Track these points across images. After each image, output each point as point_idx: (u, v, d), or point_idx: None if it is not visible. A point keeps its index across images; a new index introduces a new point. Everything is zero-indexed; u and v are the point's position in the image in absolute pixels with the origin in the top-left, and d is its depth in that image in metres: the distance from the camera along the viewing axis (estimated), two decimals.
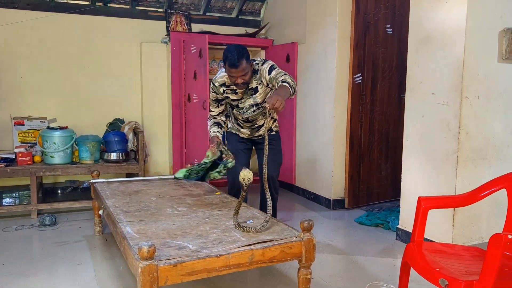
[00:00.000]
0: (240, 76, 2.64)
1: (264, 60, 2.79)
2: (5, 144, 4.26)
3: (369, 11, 4.02)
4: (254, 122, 2.95)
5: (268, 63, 2.75)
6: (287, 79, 2.57)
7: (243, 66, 2.60)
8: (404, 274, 2.02)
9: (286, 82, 2.54)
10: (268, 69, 2.70)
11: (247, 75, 2.66)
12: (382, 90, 4.21)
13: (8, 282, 2.52)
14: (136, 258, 1.74)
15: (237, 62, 2.57)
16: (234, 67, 2.59)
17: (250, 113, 2.89)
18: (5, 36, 4.24)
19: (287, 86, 2.50)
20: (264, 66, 2.73)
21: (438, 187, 2.94)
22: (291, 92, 2.53)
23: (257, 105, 2.85)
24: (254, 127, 2.98)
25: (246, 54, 2.63)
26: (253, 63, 2.76)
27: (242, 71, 2.62)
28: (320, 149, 4.29)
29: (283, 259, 2.01)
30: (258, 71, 2.75)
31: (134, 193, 2.97)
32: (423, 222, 2.00)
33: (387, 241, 3.31)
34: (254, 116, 2.91)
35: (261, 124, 2.95)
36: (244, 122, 2.97)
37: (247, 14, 5.41)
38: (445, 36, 2.86)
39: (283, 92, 2.46)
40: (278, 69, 2.71)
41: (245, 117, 2.92)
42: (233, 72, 2.62)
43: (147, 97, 4.81)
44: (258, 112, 2.86)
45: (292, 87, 2.55)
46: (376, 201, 4.33)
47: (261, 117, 2.92)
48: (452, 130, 2.83)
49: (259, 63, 2.76)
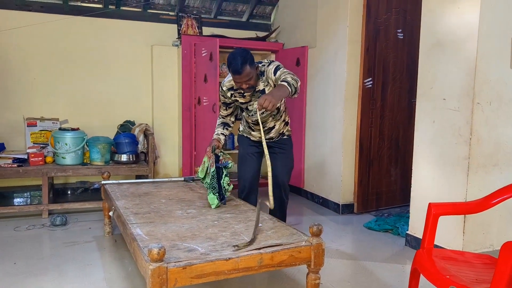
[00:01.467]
0: (244, 81, 2.63)
1: (270, 62, 2.78)
2: (18, 145, 4.32)
3: (380, 16, 4.02)
4: (264, 124, 2.93)
5: (274, 64, 2.74)
6: (288, 78, 2.55)
7: (247, 72, 2.59)
8: (413, 281, 2.01)
9: (285, 81, 2.51)
10: (274, 70, 2.69)
11: (251, 79, 2.65)
12: (393, 95, 4.19)
13: (19, 281, 2.55)
14: (146, 259, 1.75)
15: (240, 69, 2.56)
16: (238, 73, 2.59)
17: (259, 115, 2.87)
18: (19, 38, 4.31)
19: (284, 85, 2.48)
20: (270, 67, 2.72)
21: (448, 193, 2.92)
22: (290, 91, 2.50)
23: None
24: (264, 129, 2.96)
25: (250, 59, 2.61)
26: (259, 65, 2.75)
27: (246, 76, 2.61)
28: (329, 153, 4.28)
29: (292, 264, 2.01)
30: (264, 73, 2.74)
31: (144, 194, 2.99)
32: (433, 229, 1.99)
33: (396, 246, 3.29)
34: (263, 118, 2.90)
35: (271, 126, 2.93)
36: (255, 125, 2.97)
37: (258, 17, 5.43)
38: (457, 41, 2.85)
39: (278, 91, 2.45)
40: (283, 69, 2.69)
41: (255, 120, 2.93)
42: (237, 78, 2.62)
43: (157, 100, 4.85)
44: (267, 114, 2.86)
45: (292, 85, 2.52)
46: (385, 206, 4.31)
47: (270, 119, 2.91)
48: (463, 135, 2.81)
49: (265, 65, 2.76)
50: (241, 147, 3.12)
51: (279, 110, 2.89)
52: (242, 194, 3.02)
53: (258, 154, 3.06)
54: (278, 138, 3.00)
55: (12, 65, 4.34)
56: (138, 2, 4.79)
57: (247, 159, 3.04)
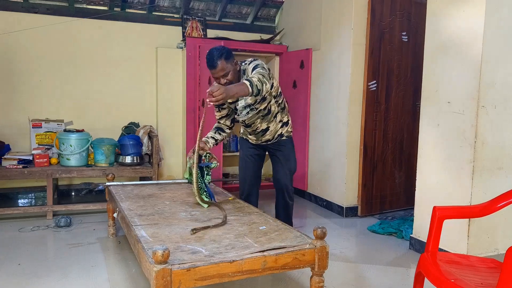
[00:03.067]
0: (221, 76, 2.60)
1: (251, 60, 2.74)
2: (23, 146, 4.35)
3: (385, 19, 4.02)
4: (253, 126, 2.89)
5: (255, 62, 2.70)
6: (254, 78, 2.47)
7: (222, 66, 2.57)
8: (418, 284, 2.00)
9: (249, 80, 2.44)
10: (252, 68, 2.65)
11: (229, 74, 2.62)
12: (397, 98, 4.19)
13: (23, 282, 2.56)
14: (150, 261, 1.75)
15: (214, 63, 2.56)
16: (213, 67, 2.59)
17: (244, 115, 2.83)
18: (25, 40, 4.34)
19: (245, 84, 2.41)
20: (249, 66, 2.68)
21: (453, 197, 2.91)
22: (250, 91, 2.41)
23: (249, 106, 2.78)
24: (257, 132, 2.92)
25: (226, 54, 2.59)
26: (242, 64, 2.73)
27: (222, 70, 2.59)
28: (333, 155, 4.27)
29: (295, 266, 2.01)
30: (245, 71, 2.71)
31: (148, 196, 3.00)
32: (438, 232, 1.98)
33: (400, 250, 3.28)
34: (250, 119, 2.85)
35: (264, 128, 2.89)
36: (246, 127, 2.94)
37: (262, 20, 5.44)
38: (462, 44, 2.84)
39: (235, 87, 2.39)
40: (259, 69, 2.61)
41: (243, 120, 2.89)
42: (213, 72, 2.61)
43: (162, 101, 4.86)
44: (253, 114, 2.81)
45: (255, 86, 2.42)
46: (389, 209, 4.30)
47: (259, 120, 2.85)
48: (468, 139, 2.80)
49: (247, 63, 2.73)
50: (241, 149, 3.13)
51: (270, 111, 2.84)
52: (242, 196, 3.03)
53: (258, 156, 3.06)
54: (276, 140, 2.96)
55: (18, 66, 4.37)
56: (143, 4, 4.81)
57: (246, 162, 3.04)
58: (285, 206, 3.03)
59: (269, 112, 2.84)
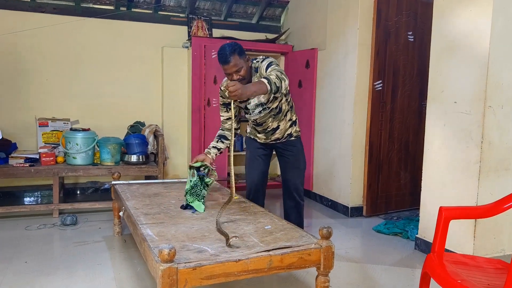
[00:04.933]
0: (234, 71, 2.58)
1: (264, 58, 2.73)
2: (30, 145, 4.37)
3: (391, 18, 4.01)
4: (264, 125, 2.89)
5: (268, 60, 2.69)
6: (271, 75, 2.47)
7: (235, 62, 2.55)
8: (424, 285, 1.99)
9: (266, 78, 2.43)
10: (266, 66, 2.64)
11: (242, 70, 2.59)
12: (403, 98, 4.17)
13: (30, 280, 2.58)
14: (156, 260, 1.76)
15: (227, 58, 2.54)
16: (226, 63, 2.56)
17: (256, 114, 2.82)
18: (32, 39, 4.37)
19: (263, 82, 2.40)
20: (263, 64, 2.67)
21: (459, 197, 2.90)
22: (269, 89, 2.40)
23: (262, 105, 2.77)
24: (267, 131, 2.91)
25: (238, 50, 2.58)
26: (254, 61, 2.72)
27: (235, 66, 2.56)
28: (338, 156, 4.27)
29: (301, 266, 2.01)
30: (258, 69, 2.70)
31: (153, 195, 3.01)
32: (444, 233, 1.98)
33: (406, 250, 3.27)
34: (262, 118, 2.84)
35: (274, 127, 2.88)
36: (256, 126, 2.94)
37: (268, 20, 5.44)
38: (468, 44, 2.83)
39: (253, 86, 2.38)
40: (275, 66, 2.62)
41: (254, 119, 2.88)
42: (226, 68, 2.59)
43: (167, 101, 4.88)
44: (265, 113, 2.81)
45: (274, 84, 2.42)
46: (395, 210, 4.29)
47: (270, 119, 2.85)
48: (475, 139, 2.79)
49: (259, 61, 2.71)
50: (248, 149, 3.11)
51: (281, 109, 2.83)
52: (249, 196, 3.03)
53: (265, 156, 3.05)
54: (286, 140, 2.96)
55: (25, 66, 4.39)
56: (149, 4, 4.83)
57: (254, 162, 3.03)
58: (297, 206, 3.01)
59: (280, 110, 2.84)
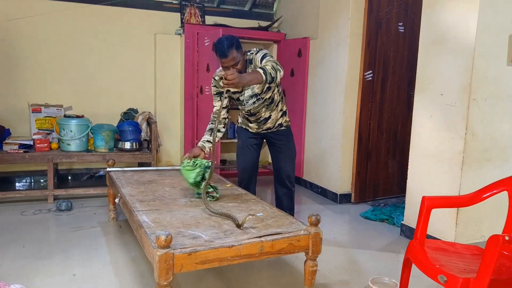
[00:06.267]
0: (231, 65, 2.67)
1: (258, 50, 2.82)
2: (23, 130, 4.40)
3: (382, 9, 4.06)
4: (258, 115, 2.97)
5: (262, 52, 2.78)
6: (267, 66, 2.57)
7: (233, 55, 2.65)
8: (406, 269, 2.11)
9: (262, 69, 2.54)
10: (260, 58, 2.72)
11: (238, 64, 2.69)
12: (392, 88, 4.26)
13: (28, 264, 2.66)
14: (153, 246, 1.85)
15: (226, 52, 2.62)
16: (224, 57, 2.64)
17: (250, 104, 2.90)
18: (25, 25, 4.36)
19: (259, 72, 2.52)
20: (257, 56, 2.76)
21: (443, 186, 3.02)
22: (264, 79, 2.51)
23: (256, 95, 2.86)
24: (260, 120, 3.00)
25: (236, 44, 2.67)
26: (248, 53, 2.80)
27: (233, 60, 2.66)
28: (328, 144, 4.37)
29: (291, 251, 2.11)
30: (252, 61, 2.78)
31: (148, 182, 3.09)
32: (426, 221, 2.09)
33: (391, 236, 3.40)
34: (256, 109, 2.93)
35: (266, 116, 2.97)
36: (249, 116, 3.02)
37: (260, 7, 5.46)
38: (456, 38, 2.91)
39: (249, 75, 2.51)
40: (269, 57, 2.71)
41: (248, 110, 2.96)
42: (224, 62, 2.68)
43: (160, 88, 4.91)
44: (259, 104, 2.89)
45: (269, 74, 2.53)
46: (382, 197, 4.42)
47: (264, 109, 2.94)
48: (459, 131, 2.89)
49: (253, 53, 2.80)
50: (240, 138, 3.20)
51: (273, 100, 2.92)
52: (242, 183, 3.12)
53: (256, 146, 3.14)
54: (276, 129, 3.05)
55: (17, 52, 4.39)
56: None
57: (246, 151, 3.11)
58: (288, 192, 3.13)
59: (272, 101, 2.93)
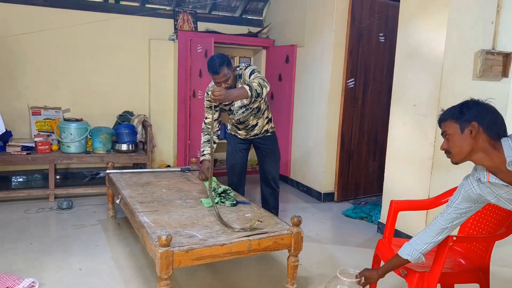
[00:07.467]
0: (223, 81, 2.99)
1: (247, 65, 3.14)
2: (24, 132, 4.61)
3: (364, 21, 4.35)
4: (246, 123, 3.29)
5: (250, 67, 3.09)
6: (253, 83, 2.87)
7: (224, 72, 2.95)
8: (375, 264, 2.41)
9: (248, 85, 2.84)
10: (249, 74, 3.03)
11: (229, 79, 3.01)
12: (373, 94, 4.56)
13: (36, 259, 2.90)
14: (155, 244, 2.12)
15: (217, 69, 2.93)
16: (216, 73, 2.96)
17: (240, 114, 3.22)
18: (24, 30, 4.54)
19: (245, 89, 2.82)
20: (246, 71, 3.06)
21: (415, 188, 3.32)
22: (250, 95, 2.82)
23: (245, 106, 3.18)
24: (248, 127, 3.32)
25: (227, 62, 2.98)
26: (237, 69, 3.12)
27: (224, 76, 2.97)
28: (313, 146, 4.66)
29: (275, 248, 2.41)
30: (241, 75, 3.09)
31: (146, 184, 3.34)
32: (393, 222, 2.39)
33: (369, 233, 3.71)
34: (245, 117, 3.25)
35: (254, 124, 3.29)
36: (238, 124, 3.33)
37: (251, 13, 5.70)
38: (426, 53, 3.21)
39: (235, 91, 2.84)
40: (257, 73, 3.02)
41: (237, 119, 3.27)
42: (216, 78, 2.99)
43: (154, 91, 5.15)
44: (247, 113, 3.21)
45: (254, 90, 2.82)
46: (363, 195, 4.74)
47: (252, 117, 3.25)
48: (429, 138, 3.20)
49: (242, 68, 3.10)
50: (229, 144, 3.50)
51: (260, 108, 3.24)
52: (232, 185, 3.40)
53: (245, 150, 3.46)
54: (263, 135, 3.37)
55: (17, 56, 4.58)
56: None
57: (235, 155, 3.41)
58: (274, 193, 3.46)
59: (259, 109, 3.24)
